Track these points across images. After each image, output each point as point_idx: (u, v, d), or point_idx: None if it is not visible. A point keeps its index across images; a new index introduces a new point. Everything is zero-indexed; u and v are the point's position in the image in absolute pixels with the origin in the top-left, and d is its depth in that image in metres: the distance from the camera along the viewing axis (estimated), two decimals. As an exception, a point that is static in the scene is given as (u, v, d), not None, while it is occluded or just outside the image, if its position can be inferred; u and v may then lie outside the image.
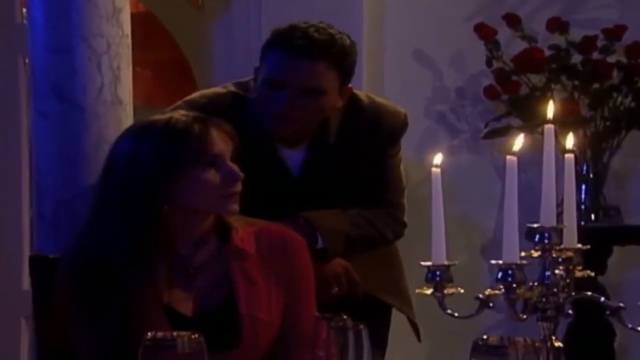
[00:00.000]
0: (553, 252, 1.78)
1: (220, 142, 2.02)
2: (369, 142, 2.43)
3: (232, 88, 2.45)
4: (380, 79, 3.59)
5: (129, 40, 2.43)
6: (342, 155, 2.42)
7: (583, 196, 3.46)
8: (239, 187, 2.02)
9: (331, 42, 2.30)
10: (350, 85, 2.39)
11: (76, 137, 2.36)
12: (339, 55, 2.31)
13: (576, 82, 3.46)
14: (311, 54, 2.28)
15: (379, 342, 2.51)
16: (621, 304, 1.77)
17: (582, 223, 3.40)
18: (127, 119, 2.41)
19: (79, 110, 2.36)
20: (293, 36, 2.29)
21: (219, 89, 2.47)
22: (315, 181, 2.42)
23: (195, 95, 2.47)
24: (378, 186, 2.46)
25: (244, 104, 2.39)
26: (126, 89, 2.42)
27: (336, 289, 2.39)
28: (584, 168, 3.47)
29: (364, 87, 3.37)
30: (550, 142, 1.78)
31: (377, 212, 2.45)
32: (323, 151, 2.41)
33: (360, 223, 2.43)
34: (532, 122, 3.29)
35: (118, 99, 2.40)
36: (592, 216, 3.47)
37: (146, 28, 3.34)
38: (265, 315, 2.07)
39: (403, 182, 2.52)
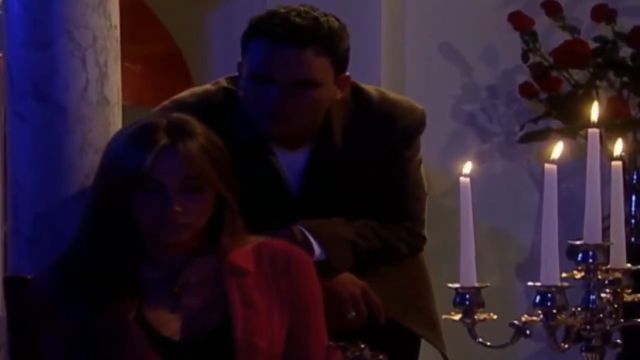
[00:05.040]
0: (598, 273, 1.79)
1: (166, 165, 2.05)
2: (381, 144, 2.43)
3: (224, 84, 2.46)
4: (402, 76, 3.59)
5: (118, 32, 2.44)
6: (349, 160, 2.42)
7: (633, 209, 3.46)
8: (175, 216, 2.04)
9: (316, 25, 2.31)
10: (347, 73, 2.39)
11: (58, 141, 2.37)
12: (328, 40, 2.32)
13: (625, 79, 3.46)
14: (296, 42, 2.29)
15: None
16: (676, 332, 1.77)
17: (632, 239, 3.40)
18: (115, 121, 2.42)
19: (61, 111, 2.37)
20: (273, 23, 2.31)
21: (209, 86, 2.48)
22: (318, 191, 2.41)
23: (185, 93, 2.48)
24: (393, 195, 2.46)
25: (235, 102, 2.41)
26: (114, 87, 2.43)
27: (353, 313, 2.38)
28: (634, 177, 3.47)
29: (382, 85, 3.37)
30: (595, 147, 1.78)
31: (390, 225, 2.45)
32: (327, 156, 2.41)
33: (367, 235, 2.42)
34: (574, 124, 3.29)
35: (105, 98, 2.40)
36: (643, 231, 3.47)
37: (136, 18, 3.35)
38: (265, 343, 2.07)
39: (423, 189, 2.51)
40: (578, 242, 1.79)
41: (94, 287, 2.05)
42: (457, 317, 1.83)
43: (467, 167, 1.84)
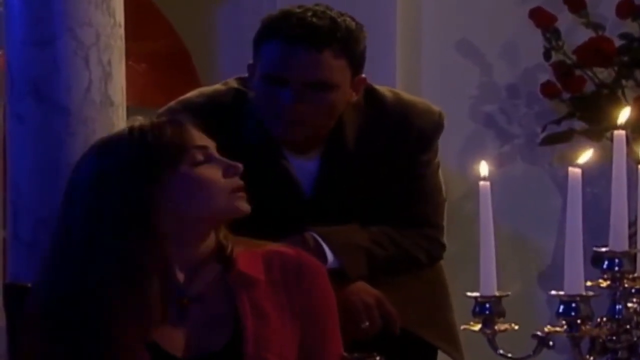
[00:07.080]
0: (625, 281, 1.79)
1: (203, 137, 2.02)
2: (396, 148, 2.44)
3: (233, 84, 2.48)
4: (417, 75, 3.60)
5: (122, 30, 2.45)
6: (363, 164, 2.42)
7: (660, 214, 3.46)
8: (241, 182, 2.01)
9: (334, 26, 2.32)
10: (363, 75, 2.40)
11: (59, 144, 2.38)
12: (346, 41, 2.33)
13: (652, 78, 3.46)
14: (313, 43, 2.31)
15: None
16: None
17: (659, 246, 3.39)
18: (120, 122, 2.43)
19: (62, 112, 2.38)
20: (289, 24, 2.32)
21: (218, 86, 2.50)
22: (331, 196, 2.42)
23: (192, 94, 2.49)
24: (409, 201, 2.46)
25: (245, 103, 2.42)
26: (118, 87, 2.44)
27: (367, 323, 2.39)
28: (662, 180, 3.46)
29: (397, 84, 3.38)
30: (621, 150, 1.79)
31: (407, 232, 2.46)
32: (339, 160, 2.42)
33: (383, 242, 2.43)
34: (598, 125, 3.29)
35: (108, 99, 2.42)
36: (672, 238, 3.46)
37: (140, 15, 3.36)
38: (275, 358, 2.05)
39: (441, 195, 2.52)
40: (603, 249, 1.79)
41: (95, 303, 2.03)
42: (477, 327, 1.83)
43: (483, 167, 1.84)
